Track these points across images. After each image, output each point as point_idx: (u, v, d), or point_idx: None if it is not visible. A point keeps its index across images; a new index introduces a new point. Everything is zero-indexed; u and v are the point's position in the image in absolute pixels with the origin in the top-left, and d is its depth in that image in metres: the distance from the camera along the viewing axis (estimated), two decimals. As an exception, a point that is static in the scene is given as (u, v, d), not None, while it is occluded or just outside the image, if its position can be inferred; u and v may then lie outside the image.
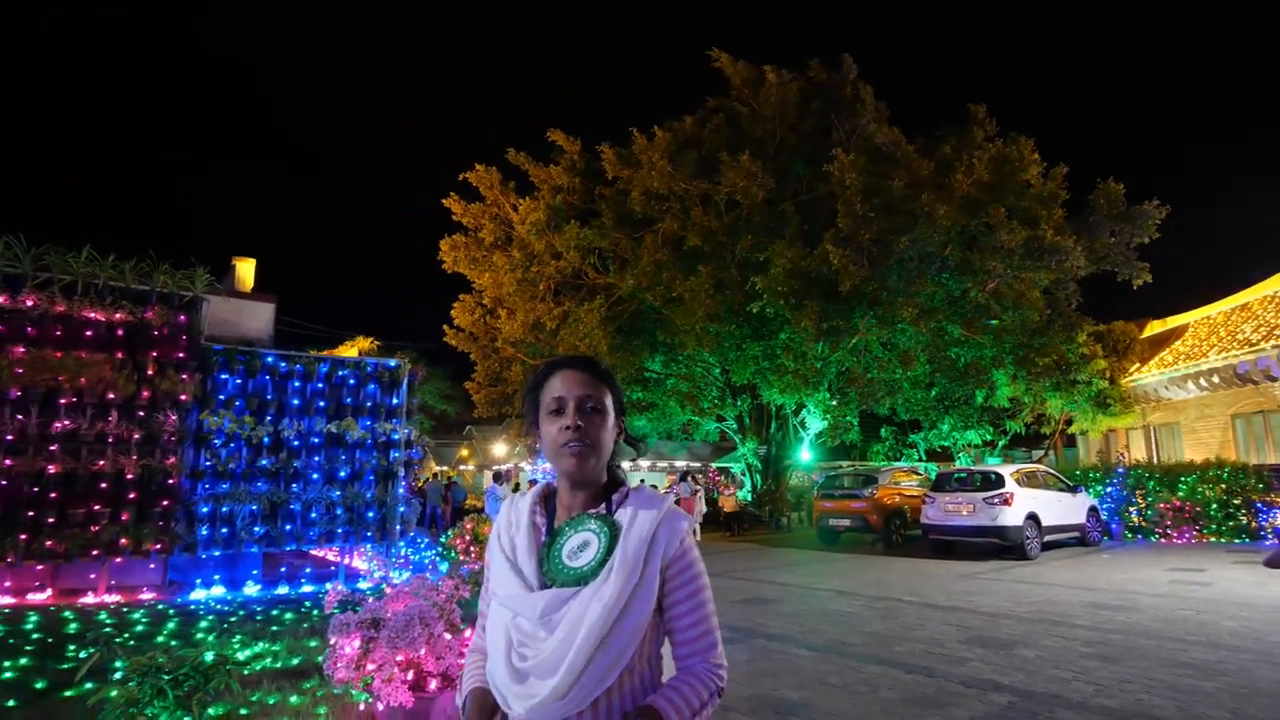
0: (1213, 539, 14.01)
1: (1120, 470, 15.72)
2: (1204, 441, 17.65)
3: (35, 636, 6.14)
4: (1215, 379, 16.75)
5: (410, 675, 3.55)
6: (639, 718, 1.18)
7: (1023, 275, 16.33)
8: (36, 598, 7.90)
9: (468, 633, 3.87)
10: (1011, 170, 16.76)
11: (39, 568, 7.94)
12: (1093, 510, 14.07)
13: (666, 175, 18.30)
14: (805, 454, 22.10)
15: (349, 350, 12.85)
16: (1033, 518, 12.19)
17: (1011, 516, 11.90)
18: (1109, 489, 15.55)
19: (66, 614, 7.18)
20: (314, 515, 9.26)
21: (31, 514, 7.56)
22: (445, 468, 35.61)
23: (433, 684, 3.65)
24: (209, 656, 2.86)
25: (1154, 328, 20.86)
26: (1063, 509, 13.16)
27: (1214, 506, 14.12)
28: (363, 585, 9.37)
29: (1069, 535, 13.42)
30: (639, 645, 1.23)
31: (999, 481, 12.41)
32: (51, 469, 7.69)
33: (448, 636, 3.78)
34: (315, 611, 7.48)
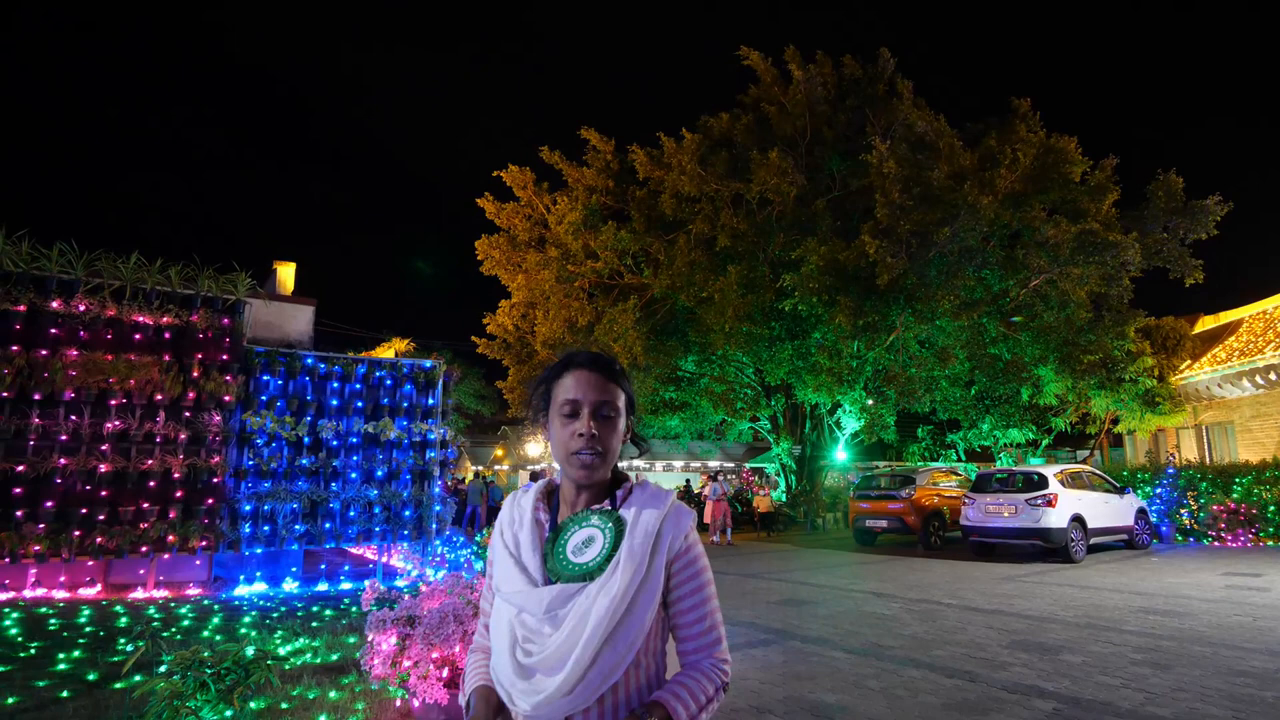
0: (1270, 543, 13.48)
1: (1170, 471, 15.21)
2: (1260, 441, 16.99)
3: (88, 630, 6.35)
4: (1273, 376, 16.11)
5: (445, 672, 3.58)
6: (646, 714, 1.18)
7: (1070, 271, 15.86)
8: (88, 592, 8.17)
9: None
10: (1057, 162, 16.30)
11: (91, 563, 8.20)
12: (1141, 512, 13.62)
13: (697, 178, 18.24)
14: (840, 454, 21.82)
15: (385, 351, 13.04)
16: (1078, 519, 11.85)
17: (1055, 518, 11.59)
18: (1158, 490, 15.06)
19: (117, 608, 7.41)
20: (352, 514, 9.42)
21: (84, 511, 7.83)
22: (480, 467, 35.97)
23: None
24: (250, 651, 2.91)
25: (1205, 323, 20.15)
26: (1109, 511, 12.77)
27: (1271, 509, 13.58)
28: (399, 583, 9.50)
29: (1116, 538, 13.02)
30: (645, 641, 1.23)
31: (1042, 482, 12.10)
32: (103, 468, 7.95)
33: (482, 634, 3.80)
34: (354, 608, 7.60)
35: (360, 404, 9.73)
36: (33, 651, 5.52)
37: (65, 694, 4.46)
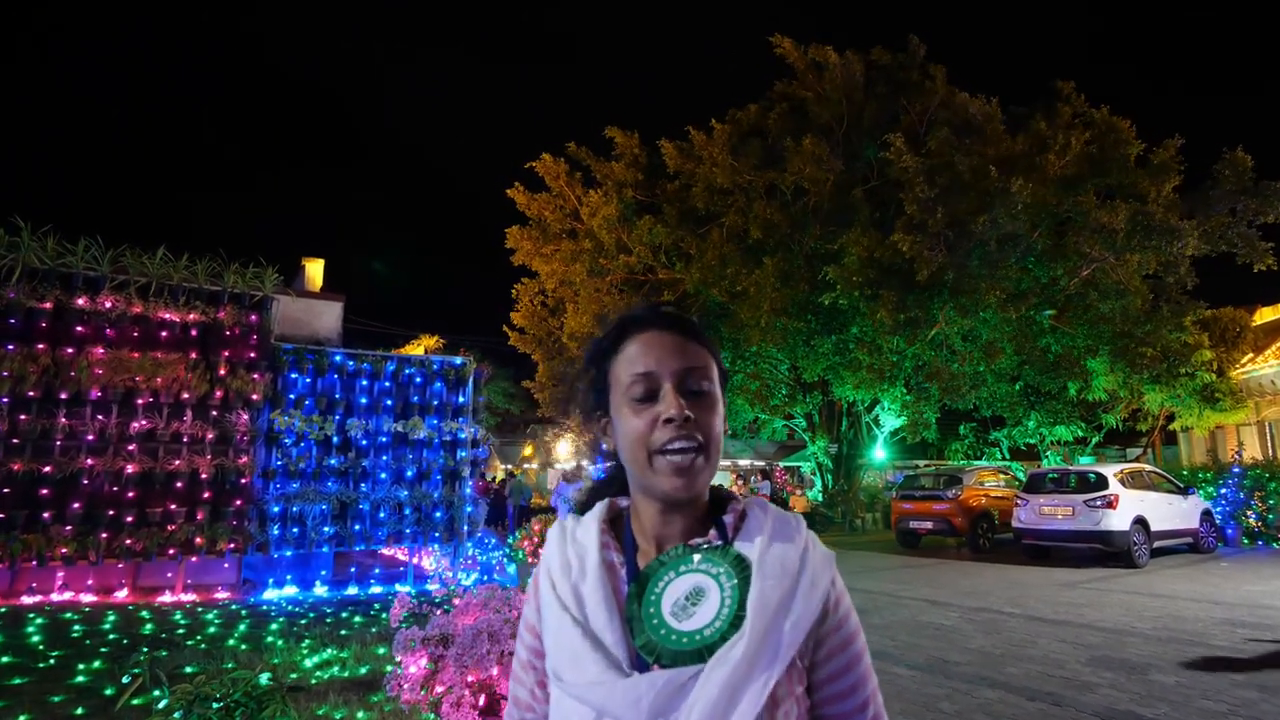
0: (1347, 546, 12.64)
1: (1236, 470, 14.39)
2: (1330, 438, 16.03)
3: (111, 638, 6.13)
4: (1345, 369, 15.17)
5: (482, 700, 3.22)
6: None
7: (1128, 258, 15.07)
8: (117, 596, 8.00)
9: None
10: (1116, 143, 15.50)
11: (119, 566, 8.04)
12: (1206, 514, 12.87)
13: (729, 169, 17.79)
14: (879, 452, 21.19)
15: (415, 349, 12.82)
16: (1140, 522, 11.18)
17: (1117, 520, 10.94)
18: (1223, 491, 14.25)
19: (144, 614, 7.21)
20: (382, 515, 9.16)
21: (111, 513, 7.65)
22: (510, 466, 35.89)
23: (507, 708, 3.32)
24: (264, 679, 2.58)
25: (1265, 315, 19.12)
26: (1173, 513, 12.06)
27: (1348, 510, 12.74)
28: (430, 586, 9.23)
29: (1180, 541, 12.30)
30: None
31: (1101, 482, 11.44)
32: (130, 469, 7.77)
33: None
34: (384, 615, 7.31)
35: (389, 402, 9.47)
36: (52, 661, 5.30)
37: (80, 710, 4.20)
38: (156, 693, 4.09)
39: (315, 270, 12.07)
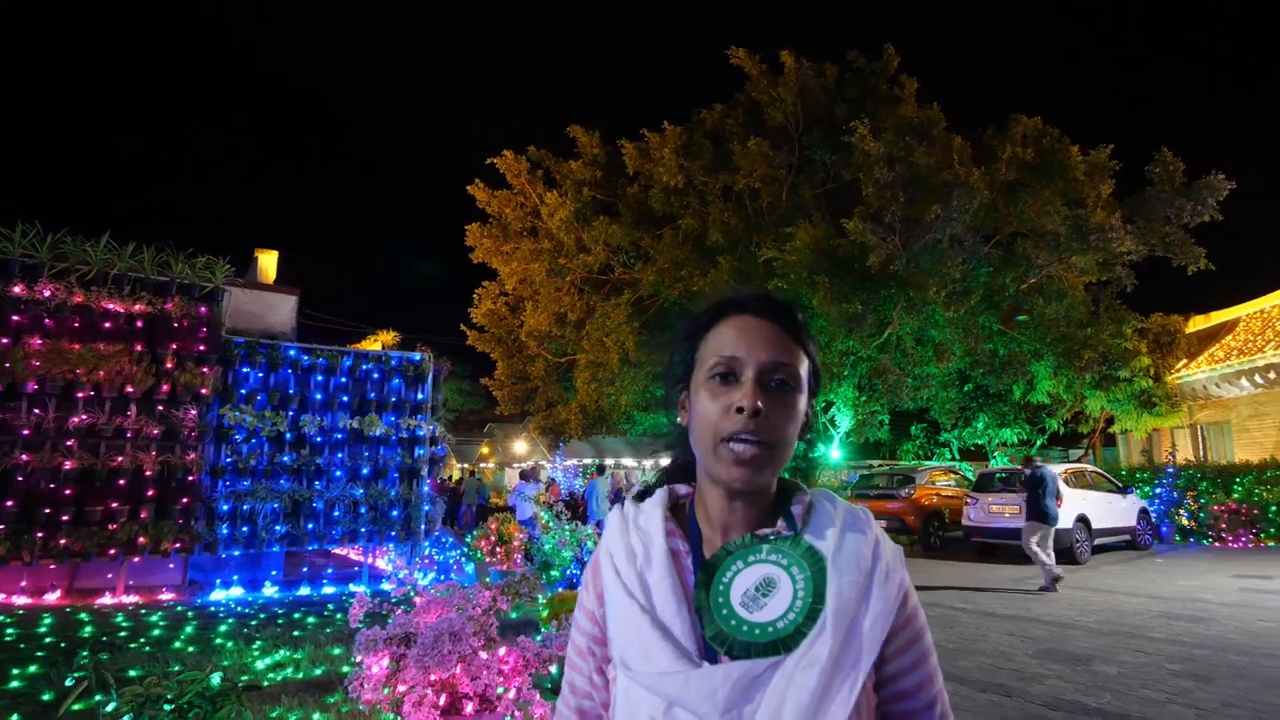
0: (1271, 543, 13.31)
1: (1170, 471, 15.04)
2: (1257, 441, 16.87)
3: (48, 641, 5.86)
4: (1271, 375, 15.98)
5: (444, 699, 3.17)
6: None
7: (1070, 261, 15.56)
8: (52, 598, 7.65)
9: (503, 650, 3.48)
10: (1054, 148, 16.00)
11: (54, 567, 7.69)
12: (1143, 513, 13.41)
13: (678, 169, 17.88)
14: (835, 452, 21.53)
15: (372, 344, 12.56)
16: (1083, 520, 11.60)
17: (1061, 519, 11.31)
18: (1159, 490, 14.87)
19: (82, 616, 6.91)
20: (337, 514, 8.95)
21: (48, 511, 7.30)
22: (466, 465, 35.45)
23: (469, 706, 3.27)
24: (216, 680, 2.49)
25: (1197, 323, 20.03)
26: (1113, 511, 12.54)
27: (1272, 509, 13.43)
28: (386, 586, 9.06)
29: (1119, 539, 12.80)
30: None
31: (1047, 482, 11.82)
32: (68, 465, 7.43)
33: (483, 655, 3.39)
34: (339, 615, 7.15)
35: (346, 398, 9.26)
36: (-16, 666, 5.05)
37: (15, 717, 4.01)
38: (100, 697, 3.92)
39: (269, 262, 11.74)
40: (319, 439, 8.97)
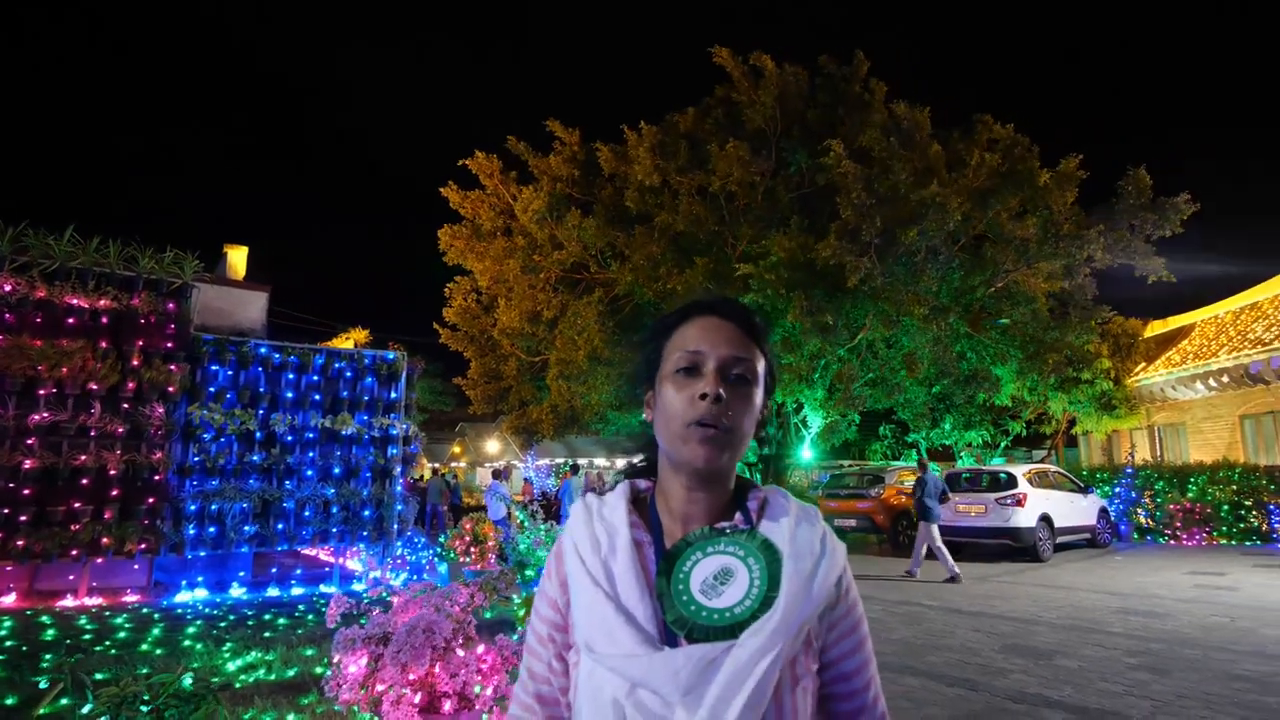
0: (1223, 541, 13.78)
1: (1129, 471, 15.48)
2: (1210, 442, 17.45)
3: (9, 644, 5.72)
4: (1225, 379, 16.53)
5: (420, 697, 3.18)
6: None
7: (1038, 266, 15.96)
8: (9, 600, 7.46)
9: (480, 648, 3.50)
10: (1022, 156, 16.41)
11: (11, 569, 7.49)
12: (1103, 512, 13.81)
13: (653, 168, 17.97)
14: (806, 453, 21.78)
15: (344, 342, 12.41)
16: (1045, 519, 11.90)
17: (1025, 518, 11.61)
18: (1118, 490, 15.31)
19: (44, 619, 6.75)
20: (308, 514, 8.84)
21: (6, 511, 7.12)
22: (437, 464, 35.14)
23: (447, 705, 3.28)
24: (188, 681, 2.47)
25: (1155, 327, 20.65)
26: (1075, 510, 12.89)
27: (1225, 508, 13.89)
28: (357, 587, 8.98)
29: (1080, 537, 13.15)
30: None
31: (1011, 482, 12.12)
32: (29, 464, 7.25)
33: (460, 653, 3.40)
34: (309, 616, 7.08)
35: (318, 397, 9.15)
36: (-58, 670, 4.91)
37: (-23, 722, 3.92)
38: (65, 700, 3.85)
39: (238, 258, 11.54)
40: (290, 438, 8.85)
